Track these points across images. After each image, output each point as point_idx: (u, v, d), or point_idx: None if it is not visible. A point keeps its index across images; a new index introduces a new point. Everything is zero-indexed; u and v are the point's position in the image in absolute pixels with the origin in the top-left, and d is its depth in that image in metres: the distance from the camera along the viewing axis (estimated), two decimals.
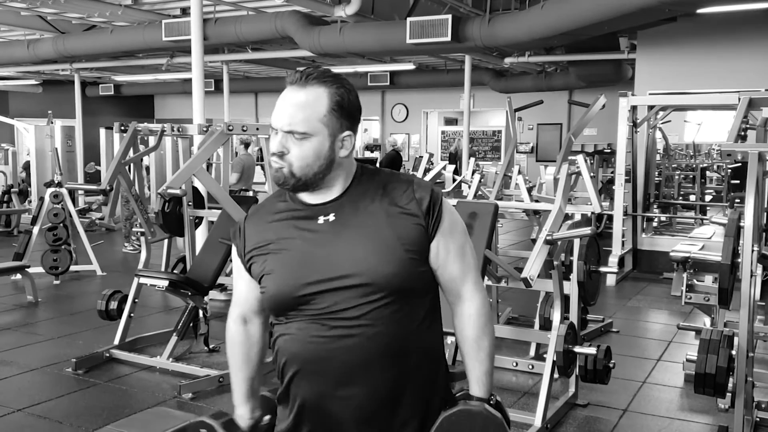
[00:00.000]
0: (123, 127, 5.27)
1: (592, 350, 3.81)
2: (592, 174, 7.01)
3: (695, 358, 3.32)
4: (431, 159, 9.12)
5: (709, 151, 12.03)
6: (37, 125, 11.47)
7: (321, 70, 1.52)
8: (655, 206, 9.01)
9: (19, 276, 6.80)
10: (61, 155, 8.84)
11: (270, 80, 16.04)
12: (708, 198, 10.67)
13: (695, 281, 4.29)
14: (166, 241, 5.23)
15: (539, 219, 5.68)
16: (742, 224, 3.41)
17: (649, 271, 7.80)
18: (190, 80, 6.63)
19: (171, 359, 4.66)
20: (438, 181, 8.31)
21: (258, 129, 5.22)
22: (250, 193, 8.76)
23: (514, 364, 4.51)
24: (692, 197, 10.27)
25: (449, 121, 18.06)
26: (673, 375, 4.65)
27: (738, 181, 9.03)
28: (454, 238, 1.58)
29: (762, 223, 3.53)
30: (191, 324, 4.85)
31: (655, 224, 8.97)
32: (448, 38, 7.83)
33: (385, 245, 1.51)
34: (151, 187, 11.22)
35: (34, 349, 5.13)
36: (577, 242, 4.18)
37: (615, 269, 6.89)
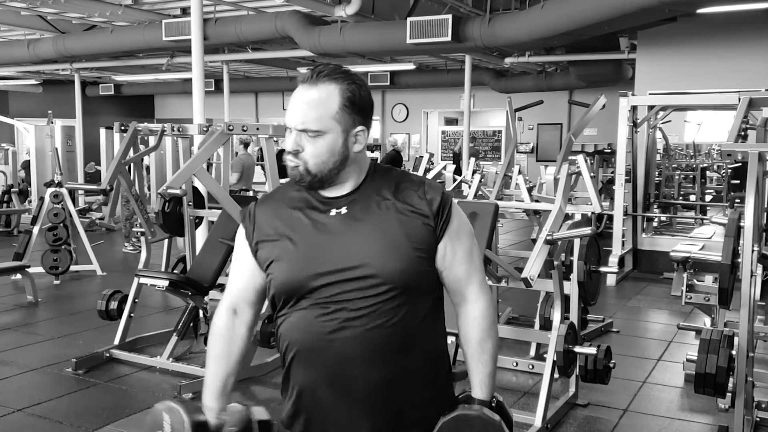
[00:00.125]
0: (123, 127, 5.27)
1: (593, 350, 3.80)
2: (592, 174, 7.01)
3: (695, 358, 3.32)
4: (431, 159, 9.13)
5: (709, 151, 12.02)
6: (37, 125, 11.45)
7: (331, 67, 1.53)
8: (655, 206, 9.00)
9: (19, 276, 6.79)
10: (61, 155, 8.84)
11: (270, 80, 16.04)
12: (708, 198, 10.67)
13: (695, 281, 4.30)
14: (166, 241, 5.22)
15: (539, 219, 5.68)
16: (742, 224, 3.40)
17: (650, 271, 7.80)
18: (191, 80, 6.64)
19: (171, 359, 4.66)
20: (438, 181, 8.30)
21: (258, 129, 5.21)
22: (250, 193, 8.77)
23: (515, 364, 4.50)
24: (692, 197, 10.27)
25: (449, 121, 18.04)
26: (674, 375, 4.65)
27: (738, 181, 9.05)
28: (461, 241, 1.59)
29: (762, 223, 3.52)
30: (191, 324, 4.85)
31: (655, 224, 8.96)
32: (449, 38, 7.82)
33: (395, 242, 1.52)
34: (151, 187, 11.21)
35: (34, 349, 5.13)
36: (577, 242, 4.18)
37: (615, 269, 6.90)
